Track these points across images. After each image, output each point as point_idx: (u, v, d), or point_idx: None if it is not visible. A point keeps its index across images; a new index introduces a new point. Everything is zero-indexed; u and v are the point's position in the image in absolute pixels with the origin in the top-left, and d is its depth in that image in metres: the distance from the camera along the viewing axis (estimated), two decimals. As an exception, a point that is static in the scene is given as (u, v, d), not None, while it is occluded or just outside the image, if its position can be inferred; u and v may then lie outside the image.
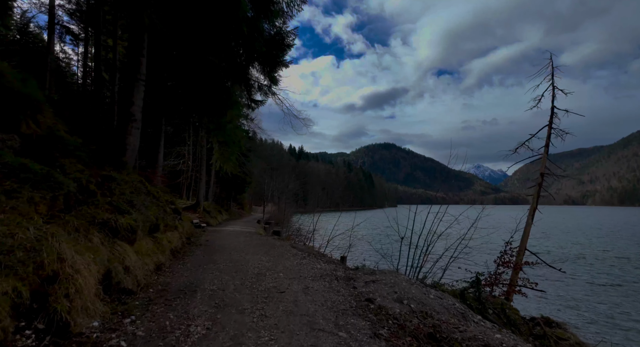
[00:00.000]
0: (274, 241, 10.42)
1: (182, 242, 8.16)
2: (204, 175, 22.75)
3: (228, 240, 10.67)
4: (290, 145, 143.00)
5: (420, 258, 7.67)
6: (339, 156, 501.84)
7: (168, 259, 6.04)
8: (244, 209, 46.98)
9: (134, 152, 6.50)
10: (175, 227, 8.12)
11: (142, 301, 3.78)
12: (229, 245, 9.17)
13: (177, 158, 25.04)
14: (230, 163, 22.43)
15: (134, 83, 6.30)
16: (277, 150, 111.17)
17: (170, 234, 7.24)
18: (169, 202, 8.52)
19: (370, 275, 5.07)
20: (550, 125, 9.38)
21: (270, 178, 55.35)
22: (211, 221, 21.65)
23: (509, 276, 7.13)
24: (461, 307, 3.69)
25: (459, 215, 7.79)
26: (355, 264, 9.74)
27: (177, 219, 8.55)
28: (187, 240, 9.24)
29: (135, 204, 5.31)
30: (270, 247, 8.77)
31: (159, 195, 7.73)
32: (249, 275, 5.31)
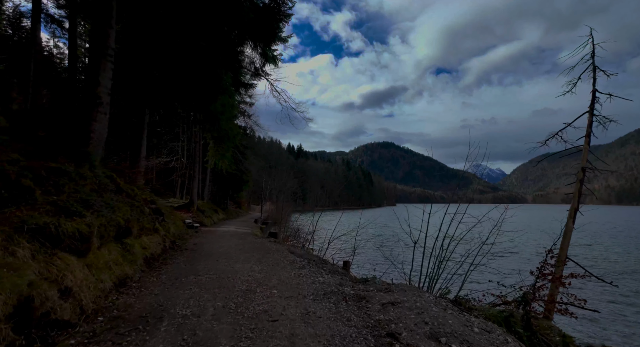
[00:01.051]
0: (270, 245, 9.39)
1: (163, 247, 7.12)
2: (197, 172, 21.66)
3: (219, 243, 9.63)
4: (289, 144, 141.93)
5: (436, 266, 6.65)
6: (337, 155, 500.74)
7: (139, 271, 5.00)
8: (242, 208, 45.97)
9: (100, 142, 5.45)
10: (155, 230, 7.08)
11: (81, 338, 2.74)
12: (218, 249, 8.12)
13: (169, 154, 23.94)
14: (225, 160, 21.37)
15: (100, 59, 5.25)
16: (276, 149, 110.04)
17: (147, 239, 6.19)
18: (149, 201, 7.47)
19: (387, 293, 4.05)
20: (592, 112, 8.30)
21: (269, 176, 54.34)
22: (205, 220, 20.60)
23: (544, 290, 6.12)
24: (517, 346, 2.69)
25: (481, 217, 6.76)
26: (362, 273, 8.71)
27: (158, 221, 7.50)
28: (171, 244, 8.19)
29: (94, 204, 4.26)
30: (264, 253, 7.73)
31: (135, 193, 6.67)
32: (235, 292, 4.27)
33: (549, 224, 30.18)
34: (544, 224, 47.30)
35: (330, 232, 12.48)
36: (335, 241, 12.24)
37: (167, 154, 23.91)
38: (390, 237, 26.51)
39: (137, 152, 9.19)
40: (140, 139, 9.16)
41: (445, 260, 6.68)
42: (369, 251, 16.22)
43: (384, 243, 19.65)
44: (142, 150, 9.25)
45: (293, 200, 59.44)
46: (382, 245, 17.88)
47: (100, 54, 5.24)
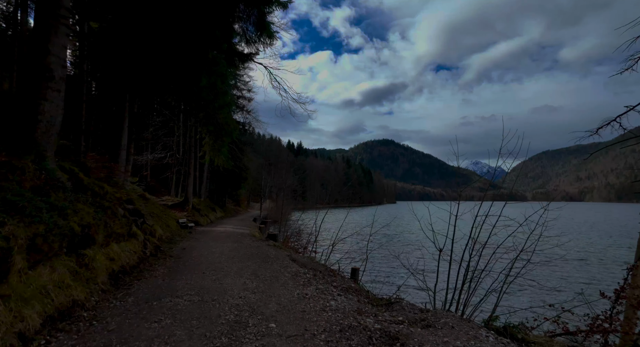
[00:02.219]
0: (269, 249, 8.26)
1: (141, 256, 5.99)
2: (193, 169, 20.52)
3: (211, 247, 8.50)
4: (289, 141, 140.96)
5: (467, 279, 5.54)
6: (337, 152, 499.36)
7: (98, 292, 3.86)
8: (241, 206, 44.91)
9: (52, 126, 4.29)
10: (132, 236, 5.94)
11: None
12: (208, 257, 6.99)
13: (164, 150, 22.76)
14: (222, 156, 20.17)
15: (51, 21, 4.10)
16: (276, 146, 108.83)
17: (118, 248, 5.06)
18: (124, 200, 6.33)
19: (426, 329, 2.93)
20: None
21: (268, 174, 53.26)
22: (201, 219, 19.51)
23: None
24: None
25: (524, 220, 5.61)
26: (377, 285, 7.60)
27: (136, 224, 6.37)
28: (154, 250, 7.06)
29: (25, 207, 3.11)
30: (262, 261, 6.60)
31: (105, 192, 5.53)
32: (220, 326, 3.14)
33: (591, 226, 28.59)
34: (583, 224, 45.59)
35: (333, 233, 11.39)
36: (337, 242, 11.15)
37: (161, 149, 22.73)
38: (402, 238, 25.04)
39: (117, 144, 8.03)
40: (121, 129, 7.97)
41: (480, 272, 5.56)
42: (376, 254, 15.05)
43: (396, 246, 18.39)
44: (122, 142, 8.08)
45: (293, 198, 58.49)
46: (396, 249, 16.63)
47: (50, 13, 4.09)
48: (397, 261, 8.04)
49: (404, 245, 19.49)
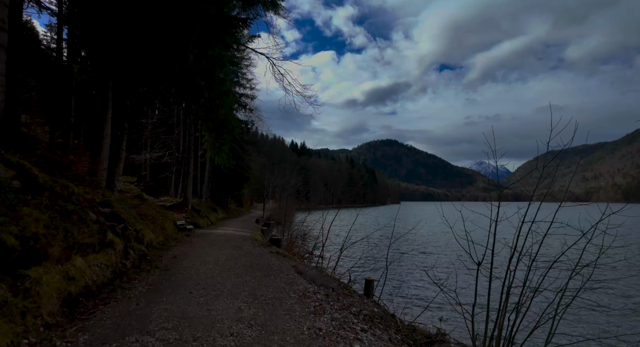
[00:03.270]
0: (271, 258, 7.23)
1: (119, 270, 4.98)
2: (192, 168, 19.57)
3: (206, 254, 7.49)
4: (292, 141, 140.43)
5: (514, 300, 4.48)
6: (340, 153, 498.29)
7: (39, 328, 2.85)
8: (243, 207, 44.04)
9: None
10: (106, 245, 4.94)
11: None
12: (200, 267, 5.97)
13: (162, 148, 21.84)
14: (222, 154, 19.17)
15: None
16: (279, 146, 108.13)
17: (83, 261, 4.05)
18: (99, 203, 5.33)
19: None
20: None
21: (271, 174, 52.37)
22: (200, 221, 18.53)
23: None
24: None
25: (591, 227, 4.54)
26: (402, 305, 6.56)
27: (113, 230, 5.37)
28: (137, 260, 6.06)
29: None
30: (263, 274, 5.58)
31: (71, 192, 4.53)
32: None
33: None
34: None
35: (336, 234, 10.40)
36: (348, 246, 10.10)
37: (159, 147, 21.83)
38: (422, 243, 23.10)
39: (98, 137, 7.02)
40: (103, 120, 6.94)
41: (529, 290, 4.50)
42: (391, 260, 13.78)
43: (416, 256, 16.86)
44: (104, 135, 7.05)
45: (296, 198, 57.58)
46: (417, 258, 15.22)
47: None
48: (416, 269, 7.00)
49: (426, 253, 18.25)
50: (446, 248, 18.99)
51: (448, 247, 19.21)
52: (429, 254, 17.07)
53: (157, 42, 5.94)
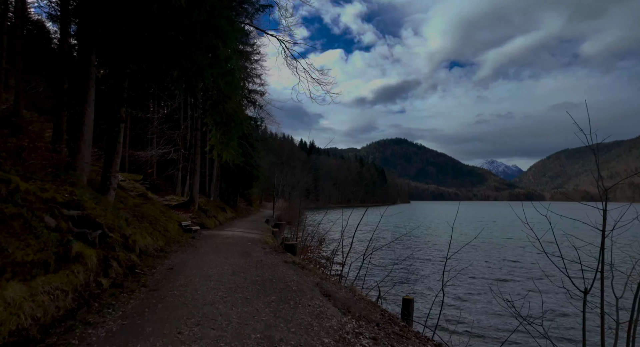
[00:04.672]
0: (287, 271, 5.89)
1: (87, 293, 3.71)
2: (199, 166, 18.41)
3: (209, 265, 6.20)
4: (301, 140, 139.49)
5: None
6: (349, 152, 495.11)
7: None
8: (253, 206, 43.02)
9: None
10: (73, 259, 3.66)
11: None
12: (199, 286, 4.66)
13: (168, 144, 20.77)
14: (230, 150, 17.90)
15: None
16: (288, 145, 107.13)
17: (24, 289, 2.78)
18: (62, 204, 4.05)
19: None
20: None
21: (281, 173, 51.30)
22: (207, 221, 17.36)
23: None
24: None
25: None
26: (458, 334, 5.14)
27: (85, 239, 4.09)
28: (123, 274, 4.80)
29: None
30: (280, 298, 4.23)
31: (12, 190, 3.26)
32: None
33: None
34: None
35: (345, 234, 9.06)
36: (373, 252, 8.71)
37: (164, 143, 20.76)
38: (478, 253, 19.68)
39: (77, 122, 5.76)
40: (84, 102, 5.71)
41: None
42: (422, 266, 12.18)
43: (474, 269, 13.95)
44: (85, 119, 5.81)
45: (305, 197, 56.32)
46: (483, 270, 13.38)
47: None
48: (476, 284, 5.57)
49: (491, 266, 14.61)
50: (518, 261, 15.89)
51: (521, 259, 16.16)
52: (494, 268, 13.98)
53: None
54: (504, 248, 20.45)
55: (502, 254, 18.23)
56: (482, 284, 10.10)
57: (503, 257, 16.81)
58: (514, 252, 18.55)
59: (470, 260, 15.07)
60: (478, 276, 11.70)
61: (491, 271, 13.18)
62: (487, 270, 13.51)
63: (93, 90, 5.97)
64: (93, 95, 5.99)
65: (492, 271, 13.30)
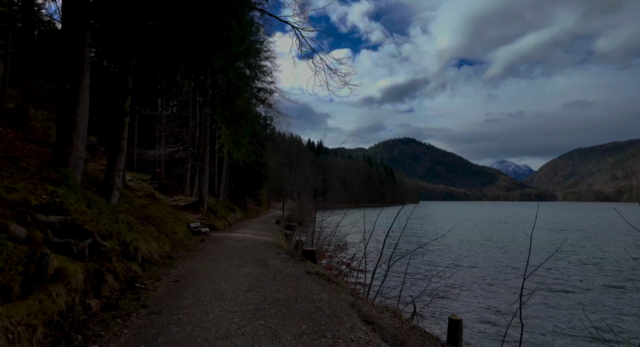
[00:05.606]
0: (312, 285, 5.00)
1: (60, 326, 2.89)
2: (208, 164, 17.69)
3: (220, 278, 5.35)
4: (309, 140, 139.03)
5: None
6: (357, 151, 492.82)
7: None
8: (262, 206, 42.40)
9: None
10: (44, 281, 2.84)
11: None
12: (208, 312, 3.79)
13: (176, 143, 20.12)
14: (241, 148, 17.17)
15: None
16: (296, 145, 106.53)
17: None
18: (36, 208, 3.23)
19: None
20: None
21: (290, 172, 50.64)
22: (217, 223, 16.63)
23: None
24: None
25: None
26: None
27: (70, 252, 3.26)
28: (118, 293, 3.99)
29: None
30: (312, 329, 3.31)
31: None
32: None
33: None
34: None
35: (372, 241, 8.13)
36: (398, 259, 7.78)
37: (173, 142, 20.12)
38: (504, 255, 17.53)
39: (69, 111, 4.98)
40: (77, 88, 4.92)
41: None
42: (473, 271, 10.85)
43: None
44: (79, 108, 5.00)
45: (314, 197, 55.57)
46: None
47: None
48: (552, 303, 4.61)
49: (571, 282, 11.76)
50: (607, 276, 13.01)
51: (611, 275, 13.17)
52: (593, 290, 10.92)
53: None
54: (604, 262, 16.16)
55: (604, 269, 14.36)
56: (571, 308, 8.76)
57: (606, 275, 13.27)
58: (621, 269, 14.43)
59: (550, 276, 12.42)
60: (567, 302, 9.46)
61: (590, 296, 10.42)
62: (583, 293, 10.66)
63: (88, 75, 5.20)
64: (88, 81, 5.22)
65: (591, 295, 10.48)
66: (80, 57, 5.04)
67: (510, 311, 7.03)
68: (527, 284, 3.96)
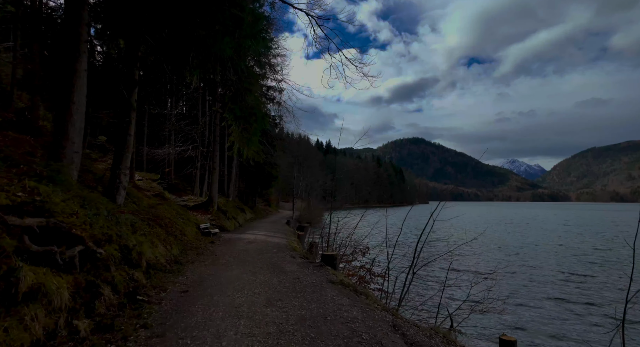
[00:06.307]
0: (341, 299, 4.32)
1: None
2: (218, 163, 17.18)
3: (234, 288, 4.72)
4: (317, 140, 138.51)
5: None
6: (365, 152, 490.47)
7: None
8: (271, 206, 41.96)
9: None
10: (14, 303, 2.22)
11: None
12: (221, 334, 3.16)
13: (185, 142, 19.67)
14: (252, 146, 16.61)
15: None
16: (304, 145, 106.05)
17: None
18: (6, 208, 2.64)
19: None
20: None
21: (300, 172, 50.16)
22: (227, 223, 16.11)
23: None
24: None
25: None
26: None
27: (54, 263, 2.65)
28: (116, 308, 3.38)
29: None
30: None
31: None
32: None
33: None
34: None
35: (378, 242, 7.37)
36: (422, 266, 7.04)
37: (182, 140, 19.69)
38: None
39: (65, 99, 4.40)
40: (72, 72, 4.36)
41: None
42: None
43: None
44: (74, 96, 4.43)
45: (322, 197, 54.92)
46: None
47: None
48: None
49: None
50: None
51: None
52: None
53: None
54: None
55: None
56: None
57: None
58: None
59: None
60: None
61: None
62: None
63: (85, 59, 4.62)
64: (85, 64, 4.64)
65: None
66: (76, 37, 4.45)
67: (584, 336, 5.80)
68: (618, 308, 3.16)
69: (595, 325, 7.75)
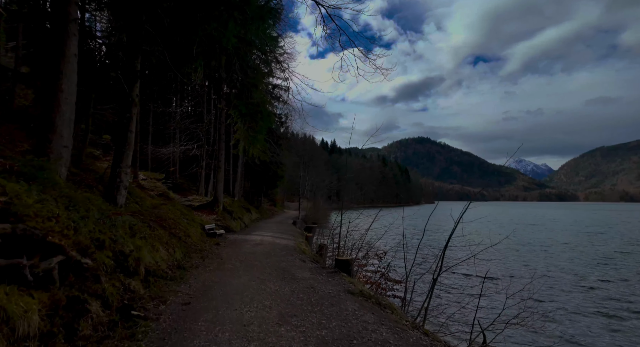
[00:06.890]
0: (362, 314, 3.77)
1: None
2: (223, 162, 16.70)
3: (241, 300, 4.19)
4: (322, 139, 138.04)
5: None
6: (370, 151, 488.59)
7: None
8: (276, 206, 41.54)
9: None
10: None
11: None
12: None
13: (190, 140, 19.24)
14: (257, 144, 16.12)
15: None
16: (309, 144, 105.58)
17: None
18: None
19: None
20: None
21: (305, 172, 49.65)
22: (233, 224, 15.64)
23: None
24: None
25: None
26: None
27: (22, 279, 2.16)
28: (106, 327, 2.88)
29: None
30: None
31: None
32: None
33: None
34: None
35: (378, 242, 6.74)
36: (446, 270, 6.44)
37: (187, 139, 19.26)
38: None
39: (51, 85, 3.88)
40: (61, 56, 3.84)
41: None
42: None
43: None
44: (63, 84, 3.94)
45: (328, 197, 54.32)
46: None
47: None
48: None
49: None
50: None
51: None
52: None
53: None
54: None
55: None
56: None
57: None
58: None
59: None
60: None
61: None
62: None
63: (75, 42, 4.10)
64: (74, 48, 4.12)
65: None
66: (64, 16, 3.93)
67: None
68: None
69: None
